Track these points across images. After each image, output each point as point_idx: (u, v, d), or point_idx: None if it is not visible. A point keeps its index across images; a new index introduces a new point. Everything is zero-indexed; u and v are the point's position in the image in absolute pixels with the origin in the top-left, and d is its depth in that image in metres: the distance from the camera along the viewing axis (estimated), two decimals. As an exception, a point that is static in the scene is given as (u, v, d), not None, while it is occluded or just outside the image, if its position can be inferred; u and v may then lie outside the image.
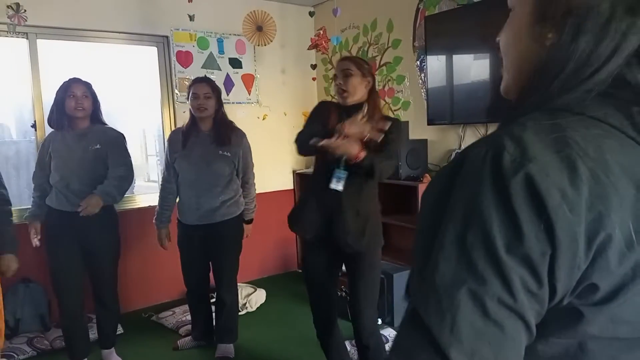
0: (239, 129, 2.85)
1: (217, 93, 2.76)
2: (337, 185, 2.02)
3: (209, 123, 2.77)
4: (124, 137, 2.77)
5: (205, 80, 2.81)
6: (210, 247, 2.82)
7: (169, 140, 2.88)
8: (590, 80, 0.55)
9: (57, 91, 2.63)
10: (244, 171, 2.86)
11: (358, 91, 2.08)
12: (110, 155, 2.67)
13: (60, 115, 2.60)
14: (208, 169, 2.72)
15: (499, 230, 0.48)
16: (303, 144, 2.11)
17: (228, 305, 2.91)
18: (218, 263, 2.87)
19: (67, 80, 2.63)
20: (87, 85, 2.64)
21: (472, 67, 3.24)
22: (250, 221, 3.01)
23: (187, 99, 2.80)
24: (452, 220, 0.51)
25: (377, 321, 2.39)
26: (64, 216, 2.60)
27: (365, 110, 1.97)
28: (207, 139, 2.74)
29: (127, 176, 2.70)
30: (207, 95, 2.70)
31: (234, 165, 2.80)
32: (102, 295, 2.76)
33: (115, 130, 2.79)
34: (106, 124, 2.77)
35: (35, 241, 2.67)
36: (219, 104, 2.77)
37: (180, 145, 2.76)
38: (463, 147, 3.38)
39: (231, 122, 2.84)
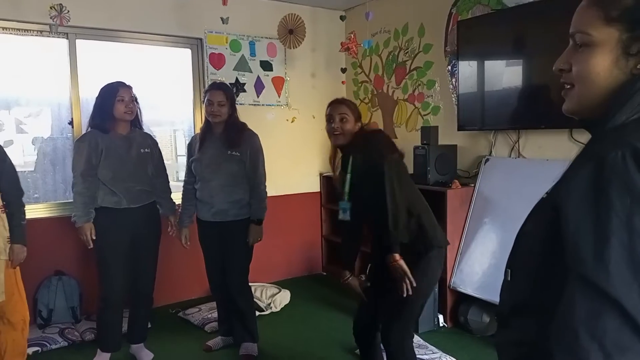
0: (250, 130, 2.89)
1: (231, 100, 2.83)
2: (345, 216, 2.26)
3: (222, 126, 2.84)
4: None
5: (221, 87, 2.85)
6: (222, 246, 2.87)
7: (189, 145, 3.00)
8: None
9: (101, 93, 2.64)
10: (253, 171, 2.82)
11: (351, 134, 2.25)
12: (153, 161, 2.83)
13: (106, 118, 2.62)
14: (219, 170, 2.80)
15: None
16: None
17: (242, 309, 2.91)
18: (228, 264, 2.88)
19: (112, 83, 2.65)
20: (132, 89, 2.69)
21: (504, 74, 3.20)
22: (259, 222, 2.85)
23: (203, 102, 2.87)
24: (614, 212, 0.63)
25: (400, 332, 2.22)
26: (114, 213, 2.65)
27: None
28: (218, 141, 2.82)
29: (169, 185, 2.98)
30: (220, 103, 2.77)
31: (244, 164, 2.82)
32: (143, 287, 2.83)
33: (151, 136, 2.91)
34: (142, 129, 2.85)
35: (90, 241, 2.61)
36: (232, 109, 2.84)
37: (196, 148, 2.87)
38: (494, 153, 3.34)
39: (243, 124, 2.89)
